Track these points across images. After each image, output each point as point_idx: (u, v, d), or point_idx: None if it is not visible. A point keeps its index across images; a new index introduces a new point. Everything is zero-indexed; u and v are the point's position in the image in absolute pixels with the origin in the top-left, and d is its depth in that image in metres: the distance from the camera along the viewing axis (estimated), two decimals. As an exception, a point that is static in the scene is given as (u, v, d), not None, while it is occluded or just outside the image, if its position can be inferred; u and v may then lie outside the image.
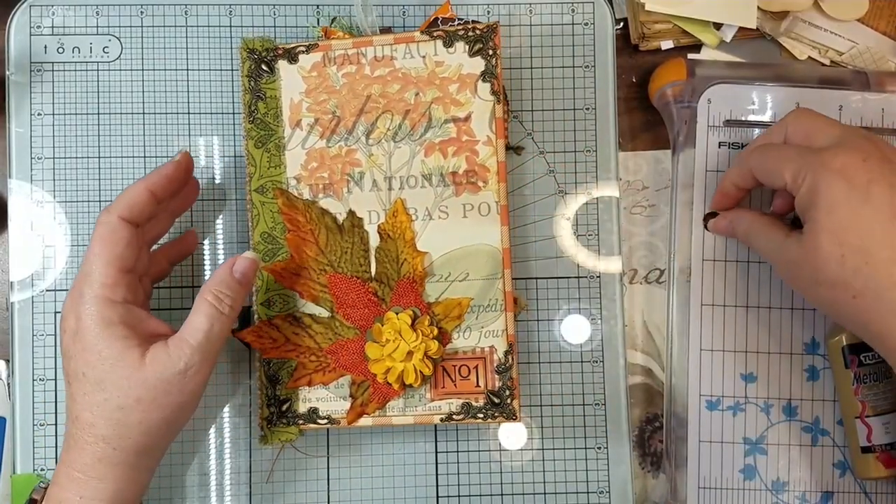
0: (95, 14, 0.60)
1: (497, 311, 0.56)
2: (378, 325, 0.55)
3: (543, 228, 0.61)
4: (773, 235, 0.52)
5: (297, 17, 0.60)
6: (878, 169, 0.46)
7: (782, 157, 0.50)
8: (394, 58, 0.56)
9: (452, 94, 0.56)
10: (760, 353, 0.59)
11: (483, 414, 0.56)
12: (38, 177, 0.59)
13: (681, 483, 0.59)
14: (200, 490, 0.59)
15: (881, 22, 0.63)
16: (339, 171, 0.57)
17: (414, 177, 0.56)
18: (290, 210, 0.56)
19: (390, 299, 0.56)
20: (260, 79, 0.57)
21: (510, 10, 0.61)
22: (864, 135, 0.49)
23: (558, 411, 0.60)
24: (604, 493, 0.60)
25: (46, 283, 0.59)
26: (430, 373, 0.55)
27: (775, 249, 0.51)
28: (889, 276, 0.45)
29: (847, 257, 0.46)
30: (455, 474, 0.60)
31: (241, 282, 0.51)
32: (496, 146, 0.56)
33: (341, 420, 0.56)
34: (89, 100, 0.60)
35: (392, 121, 0.56)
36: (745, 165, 0.53)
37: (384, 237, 0.56)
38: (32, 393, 0.58)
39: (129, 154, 0.60)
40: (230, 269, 0.51)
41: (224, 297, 0.50)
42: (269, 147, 0.57)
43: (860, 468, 0.57)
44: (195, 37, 0.60)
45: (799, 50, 0.63)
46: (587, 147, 0.61)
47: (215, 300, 0.49)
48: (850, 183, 0.46)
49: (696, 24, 0.62)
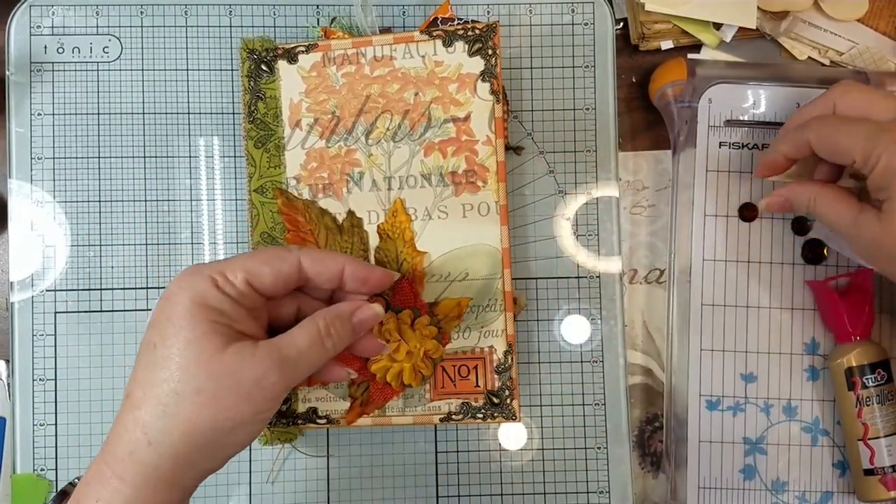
0: (95, 14, 0.60)
1: (497, 311, 0.56)
2: (378, 325, 0.55)
3: (543, 228, 0.61)
4: (844, 211, 0.50)
5: (296, 17, 0.60)
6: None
7: (851, 133, 0.48)
8: (393, 58, 0.56)
9: (452, 94, 0.56)
10: (760, 353, 0.59)
11: (482, 414, 0.56)
12: (38, 177, 0.59)
13: (681, 483, 0.59)
14: (201, 490, 0.58)
15: (881, 22, 0.63)
16: (339, 171, 0.57)
17: (413, 177, 0.56)
18: (290, 210, 0.56)
19: (390, 299, 0.56)
20: (260, 79, 0.57)
21: (510, 10, 0.61)
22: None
23: (558, 411, 0.60)
24: (604, 493, 0.60)
25: (46, 283, 0.59)
26: (429, 373, 0.55)
27: (849, 225, 0.50)
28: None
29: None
30: (455, 474, 0.60)
31: (356, 328, 0.48)
32: (496, 146, 0.56)
33: (340, 420, 0.56)
34: (89, 100, 0.60)
35: (391, 121, 0.56)
36: (802, 136, 0.51)
37: (384, 237, 0.56)
38: (32, 393, 0.58)
39: (129, 154, 0.60)
40: (352, 310, 0.48)
41: (333, 333, 0.46)
42: (269, 147, 0.57)
43: (863, 491, 0.56)
44: (195, 37, 0.60)
45: (799, 50, 0.63)
46: (587, 147, 0.61)
47: (324, 328, 0.46)
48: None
49: (696, 24, 0.62)
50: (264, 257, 0.45)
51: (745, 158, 0.59)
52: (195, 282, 0.43)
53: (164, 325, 0.43)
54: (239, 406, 0.43)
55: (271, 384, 0.43)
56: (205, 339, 0.42)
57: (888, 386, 0.56)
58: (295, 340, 0.45)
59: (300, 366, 0.45)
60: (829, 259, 0.59)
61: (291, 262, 0.46)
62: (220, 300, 0.43)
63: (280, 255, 0.46)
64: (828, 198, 0.51)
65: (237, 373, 0.42)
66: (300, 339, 0.45)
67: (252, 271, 0.44)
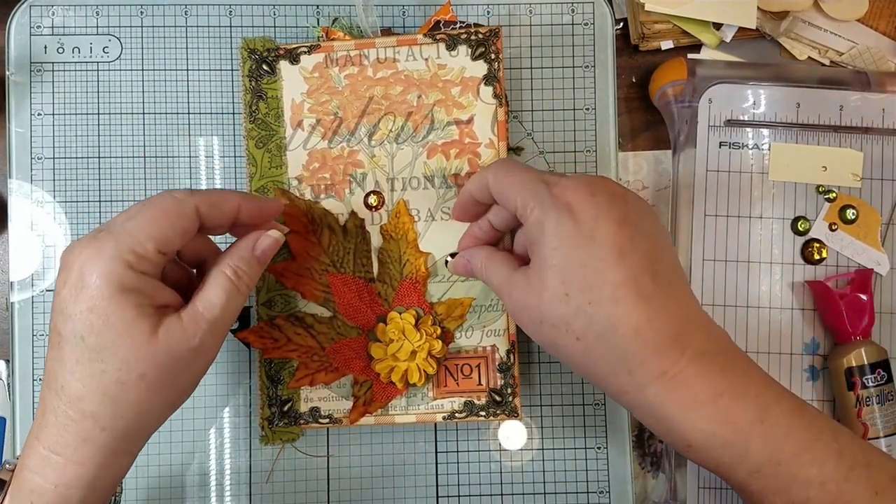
0: (95, 14, 0.60)
1: (499, 310, 0.56)
2: (382, 325, 0.55)
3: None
4: (503, 270, 0.49)
5: (297, 17, 0.60)
6: (606, 204, 0.44)
7: (515, 181, 0.47)
8: (396, 60, 0.56)
9: (455, 97, 0.56)
10: (760, 353, 0.59)
11: (485, 412, 0.56)
12: (38, 177, 0.59)
13: (680, 483, 0.59)
14: (200, 490, 0.59)
15: (881, 22, 0.63)
16: (342, 171, 0.57)
17: (416, 178, 0.56)
18: (292, 210, 0.56)
19: (393, 299, 0.56)
20: (261, 79, 0.57)
21: (510, 10, 0.61)
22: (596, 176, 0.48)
23: (558, 411, 0.60)
24: (604, 493, 0.60)
25: (46, 283, 0.59)
26: (433, 372, 0.55)
27: (503, 284, 0.48)
28: (609, 317, 0.43)
29: (571, 296, 0.43)
30: (455, 474, 0.60)
31: (260, 260, 0.48)
32: (498, 148, 0.56)
33: (343, 419, 0.56)
34: (89, 100, 0.60)
35: (394, 122, 0.56)
36: (484, 175, 0.49)
37: (387, 238, 0.56)
38: (32, 393, 0.58)
39: (129, 154, 0.60)
40: (252, 245, 0.48)
41: (242, 275, 0.47)
42: (270, 147, 0.57)
43: None
44: (195, 37, 0.60)
45: (799, 50, 0.63)
46: (587, 147, 0.61)
47: (234, 275, 0.46)
48: (575, 219, 0.43)
49: (696, 24, 0.62)
50: (167, 219, 0.44)
51: (745, 158, 0.59)
52: (108, 267, 0.42)
53: (88, 316, 0.42)
54: (184, 377, 0.45)
55: (207, 348, 0.45)
56: (134, 326, 0.42)
57: (888, 386, 0.56)
58: (213, 298, 0.45)
59: (226, 318, 0.46)
60: (828, 259, 0.59)
61: (191, 217, 0.45)
62: (138, 280, 0.43)
63: (179, 212, 0.45)
64: (495, 260, 0.50)
65: (173, 349, 0.43)
66: (217, 296, 0.45)
67: (160, 238, 0.44)
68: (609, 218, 0.43)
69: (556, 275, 0.44)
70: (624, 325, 0.43)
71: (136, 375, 0.42)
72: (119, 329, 0.42)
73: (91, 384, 0.42)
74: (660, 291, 0.43)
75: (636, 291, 0.43)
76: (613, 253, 0.43)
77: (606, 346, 0.43)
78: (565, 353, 0.46)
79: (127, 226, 0.43)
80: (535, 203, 0.45)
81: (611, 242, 0.43)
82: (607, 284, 0.43)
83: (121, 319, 0.42)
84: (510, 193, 0.47)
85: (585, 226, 0.43)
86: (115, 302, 0.42)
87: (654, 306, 0.43)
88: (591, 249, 0.43)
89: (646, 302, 0.43)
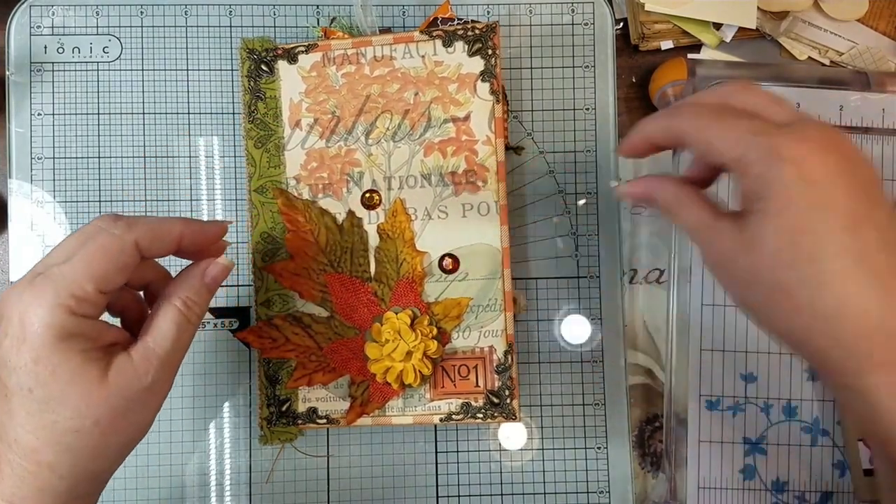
0: (95, 14, 0.60)
1: (496, 310, 0.56)
2: (377, 325, 0.55)
3: (543, 228, 0.61)
4: (703, 212, 0.43)
5: (296, 17, 0.60)
6: (840, 166, 0.39)
7: (727, 128, 0.41)
8: (393, 58, 0.56)
9: (452, 94, 0.56)
10: (760, 353, 0.59)
11: (483, 414, 0.56)
12: (38, 177, 0.59)
13: (681, 483, 0.58)
14: (200, 490, 0.59)
15: (881, 22, 0.63)
16: (339, 170, 0.57)
17: (413, 176, 0.56)
18: (290, 210, 0.56)
19: (390, 299, 0.56)
20: (260, 79, 0.57)
21: (510, 10, 0.61)
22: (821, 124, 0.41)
23: (558, 411, 0.60)
24: (604, 493, 0.60)
25: (46, 283, 0.59)
26: (429, 373, 0.55)
27: (704, 228, 0.43)
28: (837, 294, 0.38)
29: (796, 264, 0.39)
30: (455, 474, 0.60)
31: (210, 288, 0.47)
32: (495, 146, 0.56)
33: (340, 420, 0.56)
34: (89, 100, 0.60)
35: (391, 120, 0.56)
36: (674, 122, 0.43)
37: (384, 237, 0.56)
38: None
39: (129, 154, 0.60)
40: (202, 274, 0.46)
41: (192, 305, 0.45)
42: (269, 147, 0.57)
43: (862, 490, 0.56)
44: (195, 37, 0.60)
45: (799, 50, 0.63)
46: (587, 147, 0.61)
47: (184, 307, 0.45)
48: (806, 180, 0.38)
49: (696, 24, 0.62)
50: (106, 258, 0.42)
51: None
52: (49, 315, 0.40)
53: (34, 368, 0.40)
54: (140, 416, 0.43)
55: (160, 385, 0.43)
56: (82, 373, 0.40)
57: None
58: (163, 332, 0.44)
59: (178, 352, 0.44)
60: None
61: (131, 252, 0.43)
62: (81, 325, 0.41)
63: (119, 249, 0.42)
64: (691, 197, 0.44)
65: (125, 390, 0.41)
66: (167, 330, 0.44)
67: (100, 278, 0.41)
68: (844, 184, 0.39)
69: (782, 237, 0.39)
70: (854, 307, 0.38)
71: (91, 422, 0.41)
72: (66, 378, 0.40)
73: (44, 435, 0.41)
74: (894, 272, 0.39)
75: (870, 269, 0.39)
76: (847, 225, 0.38)
77: (828, 324, 0.39)
78: (776, 322, 0.41)
79: (64, 269, 0.41)
80: (758, 156, 0.39)
81: (844, 212, 0.38)
82: (838, 258, 0.38)
83: (67, 368, 0.40)
84: (720, 146, 0.41)
85: (818, 189, 0.39)
86: (59, 351, 0.40)
87: (887, 288, 0.39)
88: (824, 216, 0.38)
89: (879, 282, 0.39)
